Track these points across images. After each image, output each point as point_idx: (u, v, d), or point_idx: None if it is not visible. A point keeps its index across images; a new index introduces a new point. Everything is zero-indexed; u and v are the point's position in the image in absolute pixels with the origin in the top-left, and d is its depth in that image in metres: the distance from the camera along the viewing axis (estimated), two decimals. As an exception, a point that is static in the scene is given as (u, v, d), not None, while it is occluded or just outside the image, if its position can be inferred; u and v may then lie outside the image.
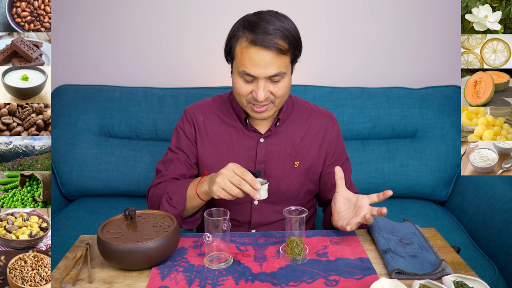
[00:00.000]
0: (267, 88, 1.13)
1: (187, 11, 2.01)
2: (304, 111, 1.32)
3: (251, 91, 1.14)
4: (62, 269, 1.02)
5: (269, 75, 1.11)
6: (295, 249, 1.02)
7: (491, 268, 1.45)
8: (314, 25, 2.01)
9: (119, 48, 2.05)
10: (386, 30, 2.03)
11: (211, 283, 0.95)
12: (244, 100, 1.17)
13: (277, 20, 1.10)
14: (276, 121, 1.26)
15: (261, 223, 1.30)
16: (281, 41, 1.09)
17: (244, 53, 1.10)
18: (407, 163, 1.85)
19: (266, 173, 1.27)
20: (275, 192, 1.28)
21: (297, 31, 1.15)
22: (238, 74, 1.14)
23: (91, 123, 1.91)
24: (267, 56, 1.09)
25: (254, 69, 1.10)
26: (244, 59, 1.10)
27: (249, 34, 1.10)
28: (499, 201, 1.56)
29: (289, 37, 1.11)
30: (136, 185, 1.87)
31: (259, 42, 1.08)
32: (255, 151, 1.26)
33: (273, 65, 1.10)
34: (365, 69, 2.07)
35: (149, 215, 1.10)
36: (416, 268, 0.98)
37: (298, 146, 1.29)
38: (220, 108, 1.31)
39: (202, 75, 2.08)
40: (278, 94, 1.14)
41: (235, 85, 1.16)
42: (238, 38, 1.12)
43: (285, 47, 1.10)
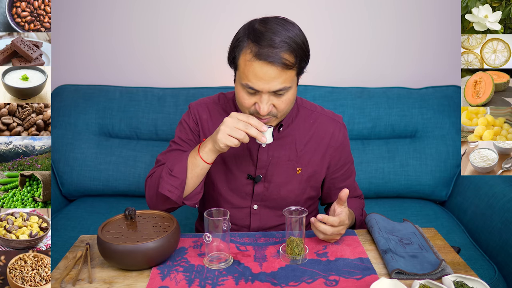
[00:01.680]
0: (270, 101, 1.08)
1: (187, 11, 2.01)
2: (310, 115, 1.28)
3: (254, 103, 1.09)
4: (62, 269, 1.02)
5: (273, 90, 1.06)
6: (295, 249, 1.02)
7: (491, 268, 1.45)
8: (314, 25, 2.01)
9: (119, 48, 2.05)
10: (386, 30, 2.03)
11: (211, 283, 0.95)
12: (246, 112, 1.12)
13: (284, 30, 1.05)
14: (279, 127, 1.23)
15: (260, 228, 1.29)
16: (287, 55, 1.04)
17: (247, 66, 1.05)
18: (407, 163, 1.85)
19: (267, 179, 1.25)
20: (275, 198, 1.26)
21: (305, 40, 1.09)
22: (241, 86, 1.09)
23: (91, 123, 1.91)
24: (272, 72, 1.03)
25: (258, 84, 1.05)
26: (247, 72, 1.05)
27: (254, 46, 1.04)
28: (499, 201, 1.56)
29: (296, 49, 1.05)
30: (136, 185, 1.87)
31: (263, 56, 1.02)
32: (256, 155, 1.23)
33: (277, 80, 1.04)
34: (365, 69, 2.07)
35: (149, 215, 1.10)
36: (416, 268, 0.98)
37: (301, 152, 1.25)
38: (225, 108, 1.28)
39: (201, 75, 2.07)
40: (281, 107, 1.10)
41: (237, 95, 1.12)
42: (242, 48, 1.06)
43: (291, 61, 1.05)
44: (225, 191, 1.26)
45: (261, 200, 1.26)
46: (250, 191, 1.25)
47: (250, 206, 1.27)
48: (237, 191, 1.26)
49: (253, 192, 1.25)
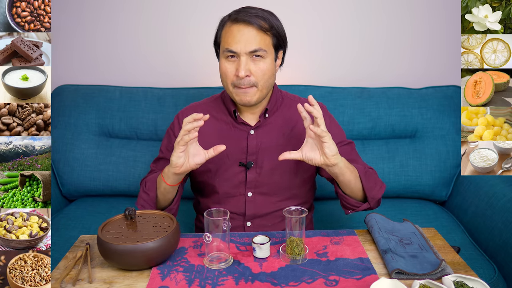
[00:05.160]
0: (248, 65, 1.18)
1: (187, 11, 2.01)
2: (293, 103, 1.35)
3: (235, 72, 1.19)
4: (62, 269, 1.02)
5: (249, 50, 1.17)
6: (295, 249, 1.02)
7: (491, 268, 1.45)
8: (314, 24, 2.01)
9: (120, 48, 2.05)
10: (387, 31, 2.03)
11: (211, 283, 0.95)
12: (229, 84, 1.21)
13: (260, 10, 1.21)
14: (264, 112, 1.28)
15: (256, 215, 1.31)
16: (262, 21, 1.18)
17: (227, 32, 1.19)
18: (407, 163, 1.85)
19: (258, 164, 1.28)
20: (268, 183, 1.29)
21: (279, 22, 1.23)
22: (222, 56, 1.21)
23: (91, 123, 1.91)
24: (247, 32, 1.17)
25: (236, 45, 1.17)
26: (227, 38, 1.19)
27: (232, 16, 1.20)
28: (499, 201, 1.55)
29: (269, 19, 1.19)
30: (136, 185, 1.87)
31: (240, 19, 1.17)
32: (245, 143, 1.28)
33: (253, 40, 1.17)
34: (365, 69, 2.07)
35: (149, 215, 1.10)
36: (416, 268, 0.98)
37: (288, 136, 1.30)
38: (212, 106, 1.34)
39: (201, 75, 2.07)
40: (258, 74, 1.19)
41: (221, 69, 1.22)
42: (223, 23, 1.22)
43: (266, 26, 1.18)
44: (218, 182, 1.30)
45: (255, 187, 1.30)
46: (243, 178, 1.29)
47: (244, 193, 1.30)
48: (230, 180, 1.29)
49: (246, 179, 1.29)
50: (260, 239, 1.06)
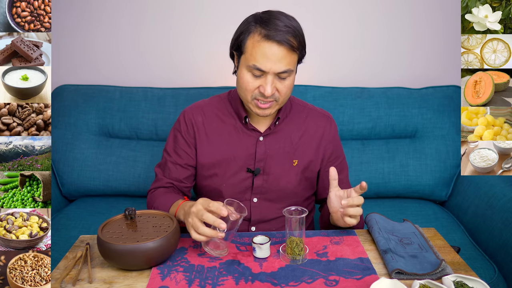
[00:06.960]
0: (274, 84, 1.13)
1: (188, 11, 2.01)
2: (302, 110, 1.33)
3: (258, 87, 1.14)
4: (62, 269, 1.02)
5: (279, 71, 1.11)
6: (295, 249, 1.02)
7: (491, 268, 1.45)
8: (315, 24, 2.01)
9: (120, 48, 2.05)
10: (387, 31, 2.03)
11: (211, 283, 0.95)
12: (249, 96, 1.17)
13: (286, 19, 1.12)
14: (276, 120, 1.27)
15: (261, 220, 1.31)
16: (292, 38, 1.11)
17: (256, 47, 1.11)
18: (407, 163, 1.85)
19: (265, 171, 1.28)
20: (274, 190, 1.29)
21: (302, 31, 1.16)
22: (246, 69, 1.14)
23: (91, 123, 1.91)
24: (279, 52, 1.10)
25: (265, 64, 1.10)
26: (255, 53, 1.11)
27: (262, 29, 1.10)
28: (499, 201, 1.55)
29: (298, 35, 1.12)
30: (136, 185, 1.87)
31: (272, 37, 1.09)
32: (254, 149, 1.27)
33: (283, 61, 1.11)
34: (365, 69, 2.07)
35: (149, 215, 1.10)
36: (416, 268, 0.98)
37: (296, 144, 1.29)
38: (219, 108, 1.31)
39: (201, 75, 2.07)
40: (283, 91, 1.15)
41: (241, 79, 1.16)
42: (250, 32, 1.13)
43: (295, 44, 1.12)
44: (225, 187, 1.29)
45: (261, 193, 1.29)
46: (249, 184, 1.29)
47: (250, 199, 1.30)
48: (237, 185, 1.29)
49: (252, 185, 1.28)
50: (260, 239, 1.06)
